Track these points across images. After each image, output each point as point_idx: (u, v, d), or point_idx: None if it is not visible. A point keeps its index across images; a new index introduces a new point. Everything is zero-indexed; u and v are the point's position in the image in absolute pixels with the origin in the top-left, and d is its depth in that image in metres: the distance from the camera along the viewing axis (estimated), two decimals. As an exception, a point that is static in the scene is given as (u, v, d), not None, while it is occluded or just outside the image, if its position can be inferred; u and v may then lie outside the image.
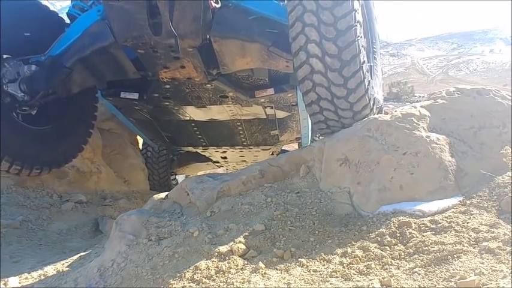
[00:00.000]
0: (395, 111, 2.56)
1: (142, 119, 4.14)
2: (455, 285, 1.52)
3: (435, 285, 1.56)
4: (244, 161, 5.50)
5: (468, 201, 2.09)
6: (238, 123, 4.19)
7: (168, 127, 4.35)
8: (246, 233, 2.07)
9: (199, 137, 4.52)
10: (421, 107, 2.55)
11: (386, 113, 2.63)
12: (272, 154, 5.14)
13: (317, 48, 2.38)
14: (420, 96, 29.34)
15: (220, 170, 6.41)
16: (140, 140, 5.54)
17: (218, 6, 2.79)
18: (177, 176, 6.48)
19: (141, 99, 3.57)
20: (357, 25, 2.40)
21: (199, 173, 6.39)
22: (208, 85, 3.37)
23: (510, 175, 2.18)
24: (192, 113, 3.94)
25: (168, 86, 3.40)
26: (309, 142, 4.72)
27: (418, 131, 2.34)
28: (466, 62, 73.92)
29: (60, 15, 3.44)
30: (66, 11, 3.31)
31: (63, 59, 3.00)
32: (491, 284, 1.48)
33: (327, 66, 2.40)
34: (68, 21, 3.31)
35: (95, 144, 4.50)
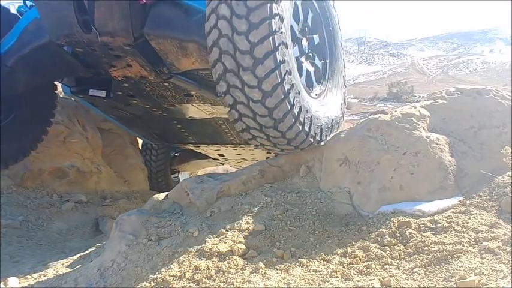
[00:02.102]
0: (395, 111, 2.56)
1: (123, 116, 4.02)
2: (455, 285, 1.52)
3: (435, 285, 1.56)
4: (243, 158, 5.42)
5: (468, 201, 2.09)
6: (221, 122, 4.04)
7: (153, 124, 4.23)
8: (246, 233, 2.07)
9: (186, 134, 4.40)
10: (421, 107, 2.55)
11: (386, 113, 2.63)
12: (269, 152, 5.06)
13: (236, 79, 2.17)
14: (420, 96, 29.35)
15: (220, 169, 6.40)
16: (140, 140, 5.53)
17: (150, 2, 2.59)
18: (179, 174, 6.45)
19: (108, 96, 3.43)
20: (278, 49, 2.12)
21: (200, 171, 6.39)
22: (166, 83, 3.21)
23: (510, 175, 2.18)
24: (168, 110, 3.81)
25: (126, 84, 3.28)
26: None
27: (418, 131, 2.34)
28: (466, 62, 73.97)
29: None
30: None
31: (5, 58, 2.90)
32: (491, 284, 1.48)
33: (253, 111, 2.22)
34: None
35: (95, 144, 4.50)
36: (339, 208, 2.25)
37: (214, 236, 2.07)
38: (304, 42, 2.71)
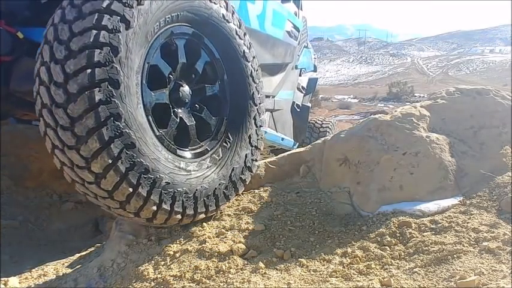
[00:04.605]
0: (395, 111, 2.56)
1: None
2: (455, 285, 1.52)
3: (435, 285, 1.56)
4: None
5: (468, 201, 2.09)
6: None
7: None
8: (246, 233, 2.07)
9: None
10: (421, 107, 2.55)
11: (386, 113, 2.63)
12: None
13: (64, 156, 1.81)
14: (420, 96, 29.35)
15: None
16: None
17: (9, 59, 2.29)
18: None
19: None
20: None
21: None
22: None
23: (510, 175, 2.18)
24: None
25: None
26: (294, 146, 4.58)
27: (418, 131, 2.35)
28: (466, 62, 73.97)
29: None
30: None
31: None
32: (491, 284, 1.48)
33: (92, 192, 1.86)
34: None
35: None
36: (339, 208, 2.25)
37: (214, 236, 2.07)
38: (185, 90, 2.18)
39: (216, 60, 2.35)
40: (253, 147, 2.42)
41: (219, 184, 2.18)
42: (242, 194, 2.46)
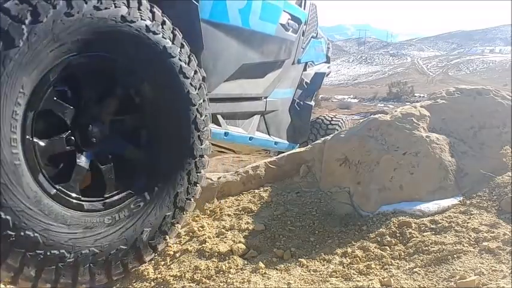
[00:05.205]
0: (395, 111, 2.56)
1: None
2: (455, 285, 1.52)
3: (435, 285, 1.56)
4: None
5: (468, 201, 2.09)
6: None
7: None
8: (246, 233, 2.07)
9: None
10: (421, 107, 2.56)
11: (386, 113, 2.63)
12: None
13: None
14: (420, 96, 29.35)
15: (220, 169, 6.41)
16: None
17: None
18: None
19: None
20: None
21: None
22: None
23: (510, 175, 2.18)
24: None
25: None
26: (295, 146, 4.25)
27: (418, 131, 2.35)
28: (466, 62, 74.03)
29: None
30: None
31: None
32: (491, 284, 1.48)
33: None
34: None
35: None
36: (339, 208, 2.25)
37: (214, 236, 2.08)
38: (94, 132, 1.78)
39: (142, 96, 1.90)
40: (177, 209, 1.99)
41: (117, 249, 1.75)
42: (242, 194, 2.47)
